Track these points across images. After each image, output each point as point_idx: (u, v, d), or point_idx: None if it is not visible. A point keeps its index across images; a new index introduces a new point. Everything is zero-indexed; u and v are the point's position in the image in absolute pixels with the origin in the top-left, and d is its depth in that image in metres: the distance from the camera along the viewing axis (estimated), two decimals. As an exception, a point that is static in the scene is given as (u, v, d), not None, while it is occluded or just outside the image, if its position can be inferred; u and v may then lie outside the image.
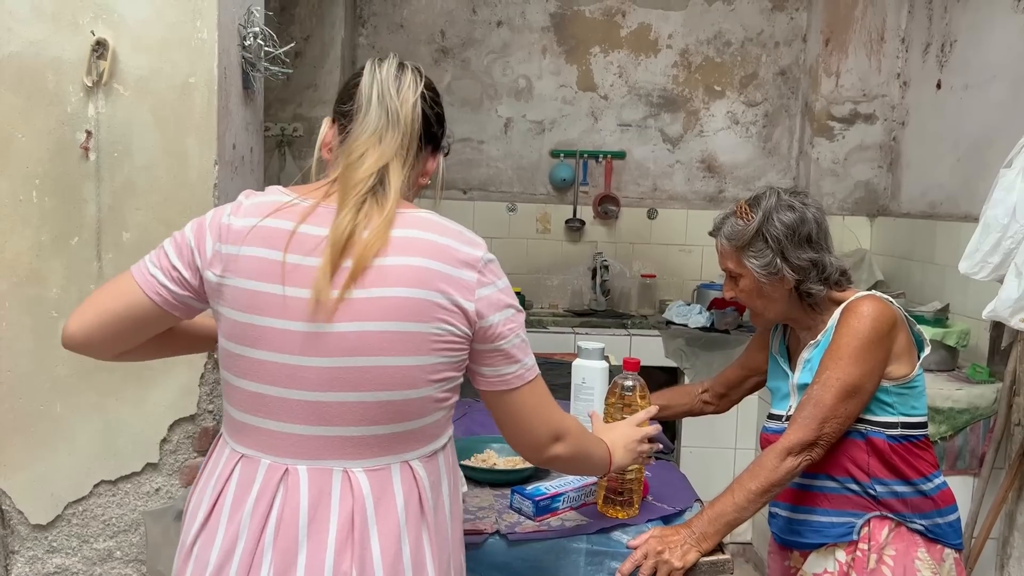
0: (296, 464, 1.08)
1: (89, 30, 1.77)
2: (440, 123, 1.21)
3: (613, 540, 1.56)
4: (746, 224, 1.55)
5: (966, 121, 3.28)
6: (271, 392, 1.08)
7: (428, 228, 1.09)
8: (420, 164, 1.18)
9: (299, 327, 1.05)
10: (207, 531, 1.10)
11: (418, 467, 1.12)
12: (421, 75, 1.16)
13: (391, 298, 1.04)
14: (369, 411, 1.07)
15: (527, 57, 4.07)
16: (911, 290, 3.48)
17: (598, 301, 4.04)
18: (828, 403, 1.48)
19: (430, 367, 1.07)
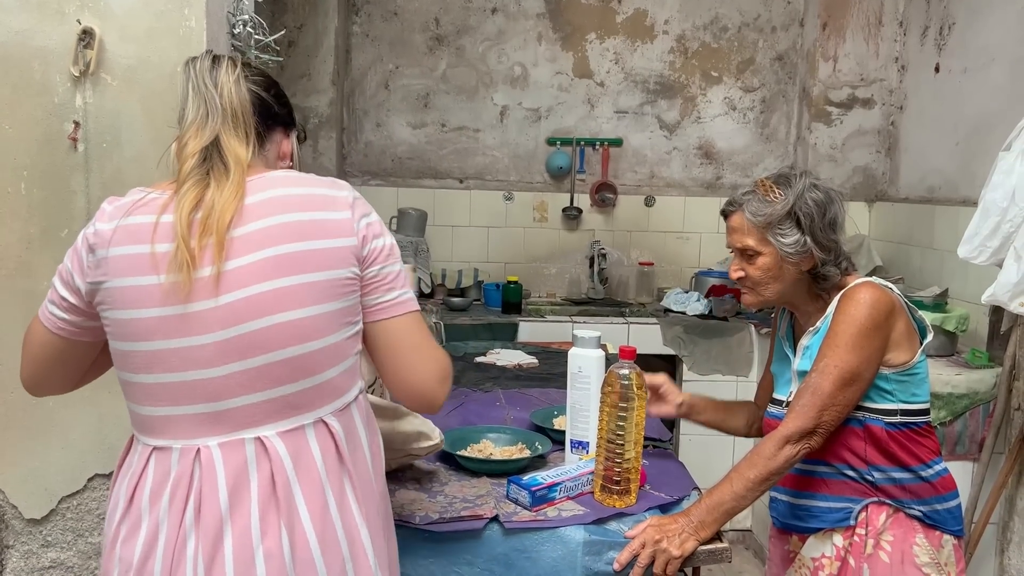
0: (207, 441, 1.08)
1: (75, 19, 1.75)
2: (282, 104, 1.25)
3: (611, 530, 1.55)
4: (773, 202, 1.54)
5: (965, 105, 3.25)
6: (169, 379, 1.08)
7: (286, 184, 1.12)
8: (272, 145, 1.24)
9: (183, 310, 1.06)
10: (127, 528, 1.10)
11: (332, 421, 1.13)
12: (236, 64, 1.18)
13: (272, 257, 1.06)
14: (274, 372, 1.08)
15: (522, 44, 4.04)
16: (910, 275, 3.47)
17: (596, 289, 4.03)
18: (826, 391, 1.47)
19: (331, 313, 1.10)
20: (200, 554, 1.05)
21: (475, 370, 2.65)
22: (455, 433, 1.89)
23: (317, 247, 1.08)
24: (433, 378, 1.20)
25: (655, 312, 3.79)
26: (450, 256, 4.07)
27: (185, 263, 1.05)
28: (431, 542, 1.50)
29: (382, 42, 3.98)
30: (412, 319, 1.18)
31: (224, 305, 1.06)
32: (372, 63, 4.00)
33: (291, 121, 1.29)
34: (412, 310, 1.18)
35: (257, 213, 1.08)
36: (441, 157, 4.08)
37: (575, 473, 1.65)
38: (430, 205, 3.97)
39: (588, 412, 1.77)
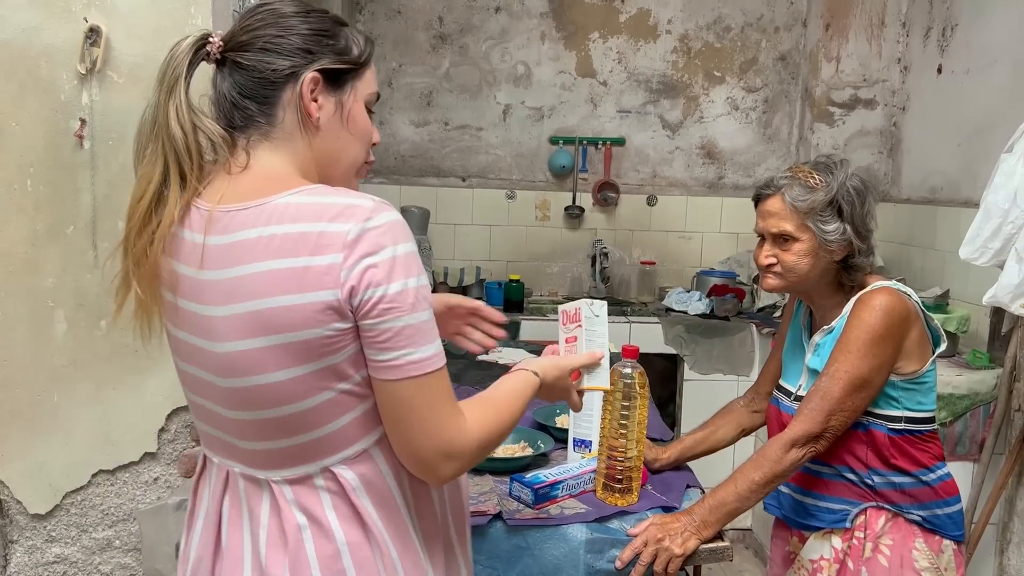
0: (233, 467, 1.06)
1: (82, 17, 1.76)
2: (282, 53, 1.00)
3: (613, 528, 1.56)
4: (815, 188, 1.52)
5: (967, 106, 3.26)
6: (194, 399, 1.07)
7: (284, 216, 0.94)
8: (288, 112, 1.02)
9: (183, 337, 1.03)
10: (194, 514, 1.13)
11: (343, 471, 1.01)
12: (192, 46, 1.01)
13: (246, 314, 0.94)
14: (265, 428, 0.99)
15: (526, 43, 4.04)
16: (911, 276, 3.47)
17: (597, 288, 4.03)
18: (836, 396, 1.47)
19: (318, 373, 0.96)
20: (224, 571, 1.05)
21: (477, 369, 2.66)
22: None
23: (291, 303, 0.92)
24: (435, 454, 1.00)
25: (657, 311, 3.79)
26: (452, 254, 4.08)
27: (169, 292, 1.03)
28: (434, 539, 1.51)
29: (385, 40, 3.98)
30: (413, 386, 0.96)
31: (218, 353, 0.98)
32: (375, 61, 3.97)
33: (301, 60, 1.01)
34: (412, 375, 0.96)
35: (252, 253, 0.94)
36: (444, 155, 4.09)
37: (577, 471, 1.66)
38: (433, 203, 3.98)
39: (591, 411, 1.78)
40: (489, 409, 1.08)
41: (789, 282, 1.59)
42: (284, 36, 1.01)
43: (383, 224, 0.93)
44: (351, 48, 1.07)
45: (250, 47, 1.00)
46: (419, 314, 0.95)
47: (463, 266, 4.04)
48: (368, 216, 0.93)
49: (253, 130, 1.02)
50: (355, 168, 1.10)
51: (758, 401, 1.87)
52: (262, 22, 1.01)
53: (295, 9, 1.03)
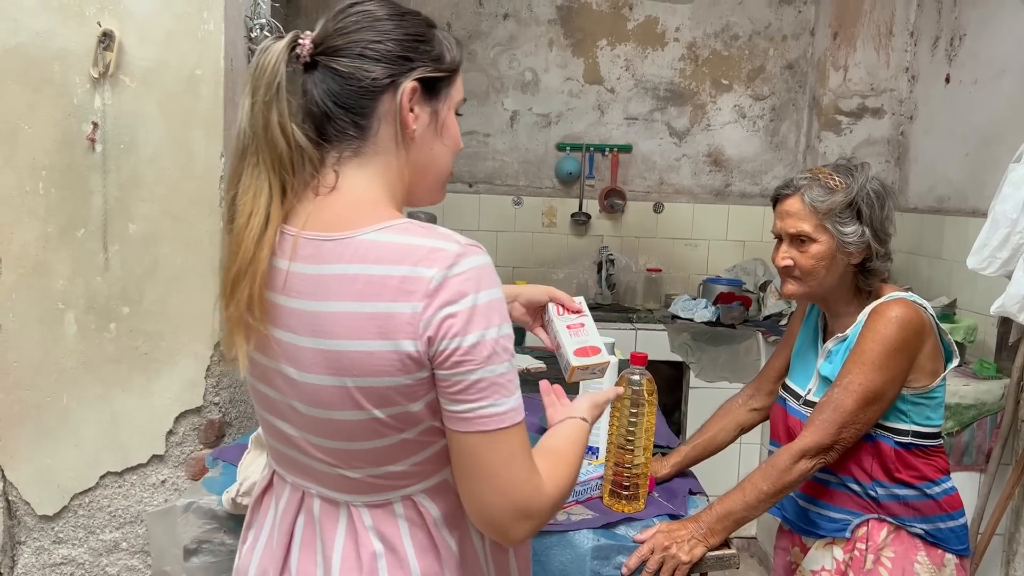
0: (310, 489, 1.03)
1: (96, 21, 1.77)
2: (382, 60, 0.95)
3: (619, 535, 1.56)
4: (835, 189, 1.52)
5: (975, 115, 3.26)
6: (268, 418, 1.05)
7: (368, 256, 0.91)
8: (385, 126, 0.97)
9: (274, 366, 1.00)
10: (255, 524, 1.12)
11: (423, 500, 1.00)
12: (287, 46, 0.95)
13: (329, 352, 0.92)
14: (347, 458, 0.97)
15: (533, 50, 4.06)
16: (918, 285, 3.47)
17: (603, 295, 4.03)
18: (849, 408, 1.46)
19: (390, 419, 0.93)
20: None
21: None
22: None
23: (369, 349, 0.90)
24: (509, 514, 0.94)
25: (662, 318, 3.79)
26: (459, 260, 4.08)
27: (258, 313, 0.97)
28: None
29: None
30: (484, 440, 0.91)
31: (300, 382, 0.95)
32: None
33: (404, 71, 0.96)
34: (482, 429, 0.91)
35: (337, 291, 0.91)
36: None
37: (584, 478, 1.65)
38: (439, 208, 3.98)
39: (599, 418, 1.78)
40: (560, 463, 1.02)
41: (809, 287, 1.57)
42: (382, 42, 0.95)
43: (467, 270, 0.89)
44: (445, 54, 1.01)
45: (346, 52, 0.94)
46: (495, 367, 0.90)
47: (469, 272, 4.04)
48: (452, 262, 0.89)
49: (345, 145, 0.97)
50: (444, 179, 1.06)
51: (759, 398, 1.85)
52: (357, 25, 0.95)
53: (389, 11, 0.97)
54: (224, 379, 1.92)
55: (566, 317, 1.42)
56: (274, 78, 0.92)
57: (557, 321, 1.41)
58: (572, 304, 1.43)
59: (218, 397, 1.91)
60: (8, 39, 1.77)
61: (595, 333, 1.42)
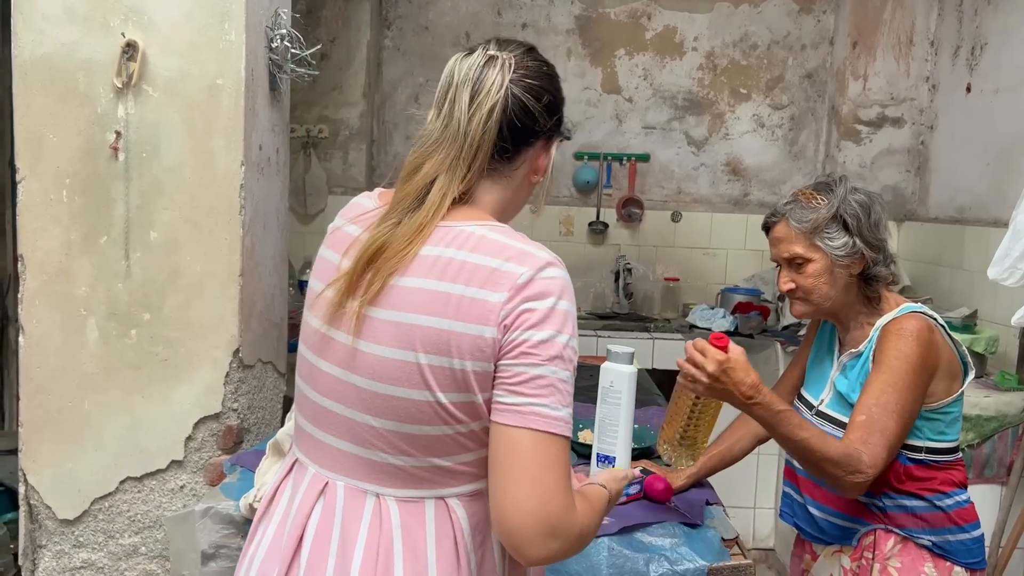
0: (336, 479, 1.04)
1: (119, 32, 1.80)
2: (551, 113, 1.06)
3: (636, 541, 1.55)
4: (817, 207, 1.54)
5: (996, 125, 3.23)
6: (323, 403, 1.05)
7: (469, 245, 0.97)
8: (526, 163, 1.07)
9: (342, 338, 1.01)
10: (266, 519, 1.12)
11: (456, 506, 1.02)
12: (511, 69, 1.02)
13: (404, 324, 0.96)
14: (395, 440, 0.99)
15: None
16: (939, 296, 3.44)
17: (621, 304, 4.03)
18: (894, 431, 1.42)
19: (448, 405, 0.96)
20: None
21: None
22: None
23: (451, 329, 0.94)
24: (538, 524, 0.92)
25: (680, 328, 3.78)
26: (476, 268, 4.09)
27: (343, 286, 1.00)
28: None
29: (413, 56, 4.03)
30: (532, 439, 0.92)
31: (362, 352, 0.99)
32: (403, 76, 4.04)
33: (556, 128, 1.10)
34: (533, 427, 0.93)
35: (421, 269, 0.97)
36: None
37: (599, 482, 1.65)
38: (457, 217, 4.00)
39: (617, 427, 1.77)
40: (587, 507, 1.02)
41: (815, 305, 1.59)
42: (556, 101, 1.08)
43: (555, 277, 0.96)
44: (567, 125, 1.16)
45: (534, 93, 1.04)
46: (558, 370, 0.94)
47: (487, 280, 4.05)
48: (543, 267, 0.96)
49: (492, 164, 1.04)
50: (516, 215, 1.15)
51: None
52: (548, 76, 1.08)
53: (557, 75, 1.12)
54: (243, 385, 1.93)
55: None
56: (500, 88, 1.01)
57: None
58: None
59: (236, 403, 1.93)
60: (34, 49, 1.80)
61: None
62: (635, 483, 1.70)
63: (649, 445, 2.00)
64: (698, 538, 1.59)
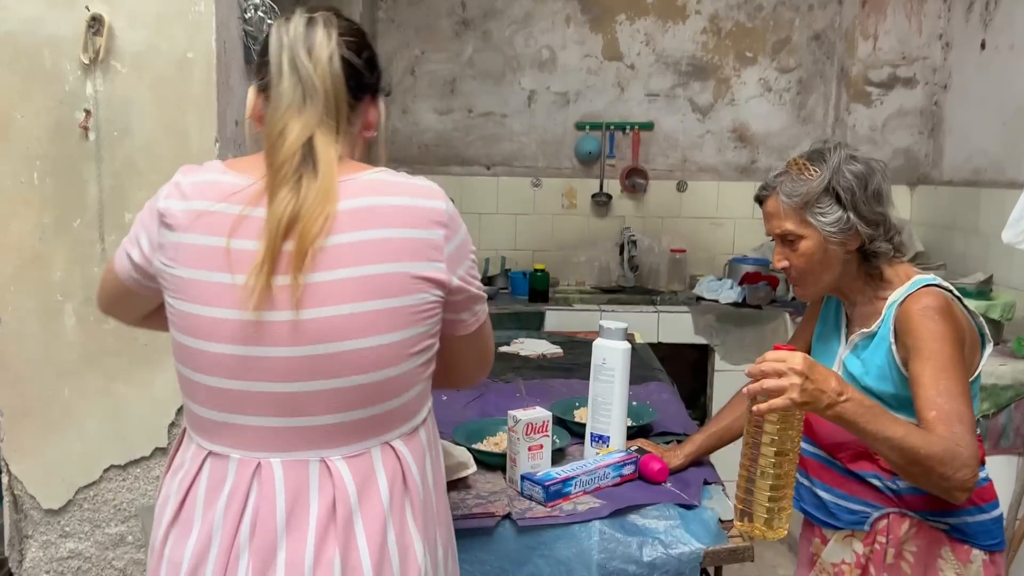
0: (269, 457, 1.03)
1: (84, 6, 1.72)
2: (372, 68, 1.11)
3: (628, 523, 1.50)
4: (809, 180, 1.43)
5: (1012, 82, 3.11)
6: (233, 386, 1.02)
7: (382, 191, 1.04)
8: (359, 118, 1.11)
9: (258, 317, 0.99)
10: (178, 530, 1.06)
11: (400, 446, 1.08)
12: (334, 25, 1.06)
13: (357, 278, 1.00)
14: (345, 397, 1.02)
15: (550, 27, 3.96)
16: (953, 261, 3.34)
17: (626, 277, 3.95)
18: (968, 413, 1.31)
19: (410, 340, 1.04)
20: (251, 572, 1.00)
21: (498, 360, 2.55)
22: (471, 426, 1.85)
23: (403, 270, 1.02)
24: (484, 373, 1.28)
25: (687, 300, 3.70)
26: (477, 244, 3.94)
27: (268, 269, 0.98)
28: (441, 538, 1.46)
29: (408, 27, 3.93)
30: (485, 327, 1.18)
31: (303, 321, 0.99)
32: (398, 49, 3.95)
33: (379, 84, 1.15)
34: (486, 318, 1.18)
35: (348, 224, 1.00)
36: (468, 143, 4.03)
37: (592, 467, 1.60)
38: (457, 192, 3.92)
39: (611, 405, 1.72)
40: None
41: (811, 286, 1.50)
42: (374, 55, 1.14)
43: (454, 209, 1.09)
44: None
45: (356, 50, 1.08)
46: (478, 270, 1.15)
47: (488, 256, 3.99)
48: (445, 199, 1.08)
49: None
50: None
51: None
52: (362, 32, 1.12)
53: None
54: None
55: (529, 439, 1.59)
56: (330, 39, 1.05)
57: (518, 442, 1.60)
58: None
59: (220, 388, 1.87)
60: (-2, 26, 1.74)
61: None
62: (629, 463, 1.65)
63: (647, 423, 1.94)
64: (694, 519, 1.53)
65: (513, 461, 1.61)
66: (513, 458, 1.61)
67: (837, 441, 1.50)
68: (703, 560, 1.46)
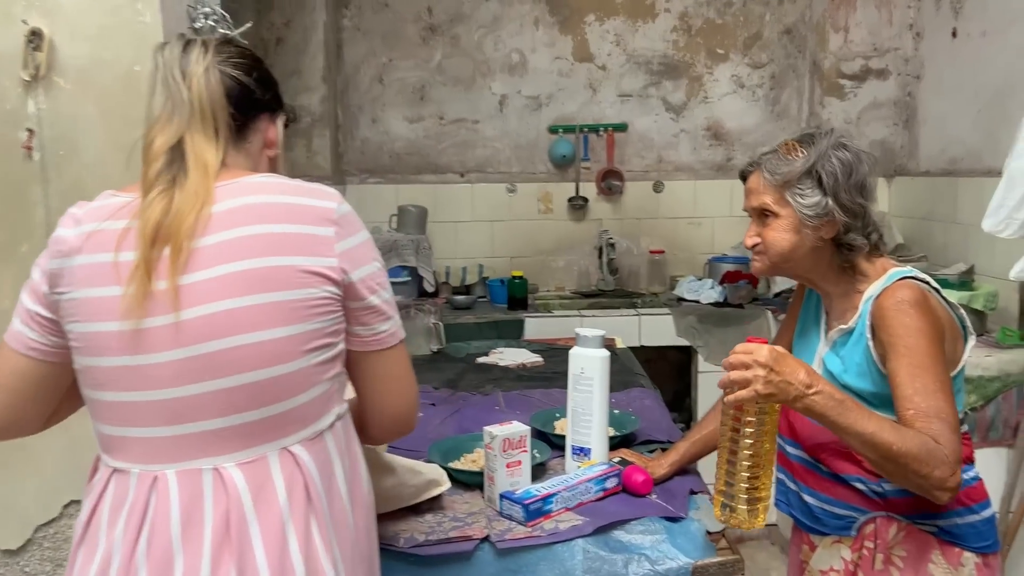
0: (165, 469, 1.01)
1: (21, 19, 1.65)
2: (266, 87, 1.14)
3: (612, 541, 1.43)
4: (794, 160, 1.41)
5: (985, 70, 3.08)
6: (126, 398, 1.01)
7: (264, 191, 1.03)
8: (255, 135, 1.13)
9: (137, 325, 0.99)
10: (85, 550, 1.04)
11: (300, 452, 1.04)
12: (211, 46, 1.09)
13: (237, 273, 0.98)
14: (233, 398, 1.00)
15: (519, 30, 3.90)
16: (933, 252, 3.31)
17: (606, 281, 3.89)
18: (949, 410, 1.27)
19: (300, 337, 1.01)
20: None
21: (475, 372, 2.53)
22: (448, 443, 1.77)
23: (287, 263, 1.00)
24: (413, 407, 1.18)
25: (668, 301, 3.65)
26: (453, 253, 3.95)
27: (143, 275, 0.98)
28: (417, 566, 1.39)
29: (374, 35, 3.86)
30: (400, 350, 1.14)
31: (183, 322, 0.98)
32: (365, 57, 3.88)
33: (277, 104, 1.18)
34: (401, 340, 1.14)
35: (225, 222, 1.00)
36: (440, 151, 3.96)
37: (573, 481, 1.53)
38: (431, 201, 3.85)
39: (591, 416, 1.66)
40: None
41: (772, 262, 1.46)
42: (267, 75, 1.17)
43: (349, 210, 1.07)
44: None
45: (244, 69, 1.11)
46: (389, 289, 1.11)
47: (465, 264, 3.92)
48: (338, 200, 1.06)
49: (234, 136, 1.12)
50: None
51: None
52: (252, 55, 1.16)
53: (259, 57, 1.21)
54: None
55: (506, 455, 1.53)
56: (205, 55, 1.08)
57: (495, 459, 1.52)
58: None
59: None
60: (-67, 45, 1.65)
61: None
62: (612, 476, 1.58)
63: (630, 431, 1.87)
64: (681, 533, 1.47)
65: (491, 479, 1.54)
66: (491, 476, 1.54)
67: (818, 442, 1.45)
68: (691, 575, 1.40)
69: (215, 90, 1.05)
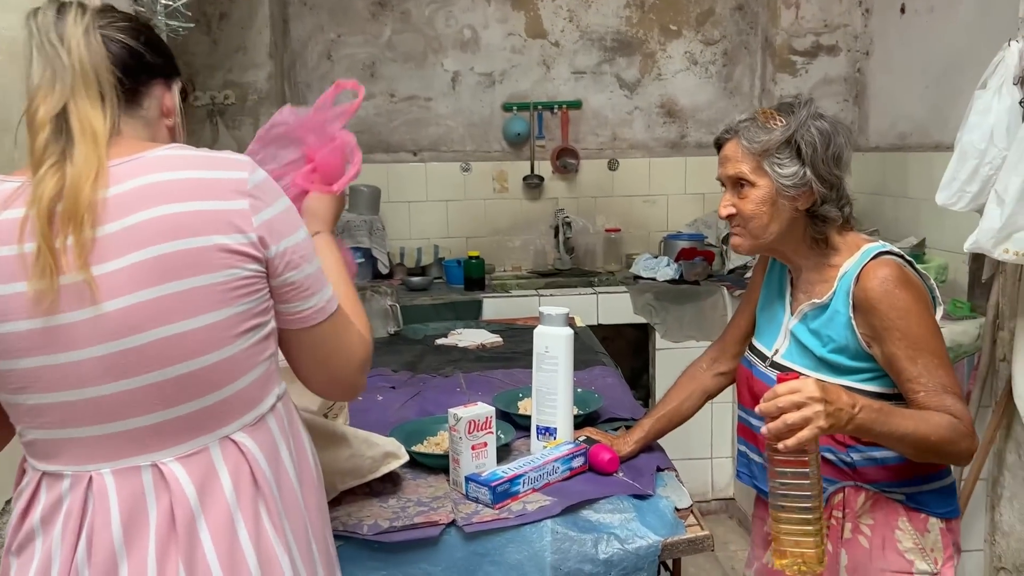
0: (99, 469, 0.96)
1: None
2: (158, 52, 1.07)
3: (581, 519, 1.42)
4: (772, 129, 1.39)
5: (933, 45, 3.12)
6: (50, 399, 0.95)
7: (167, 167, 0.96)
8: (150, 101, 1.06)
9: (50, 322, 0.93)
10: (20, 559, 0.99)
11: (243, 439, 1.01)
12: (86, 10, 0.99)
13: (151, 259, 0.91)
14: (166, 391, 0.95)
15: (471, 5, 3.83)
16: (884, 226, 3.35)
17: (562, 260, 3.87)
18: (950, 382, 1.32)
19: (228, 321, 0.96)
20: None
21: (434, 354, 2.49)
22: (410, 426, 1.74)
23: (203, 244, 0.93)
24: (355, 373, 1.12)
25: (624, 280, 3.64)
26: (408, 233, 3.88)
27: (48, 267, 0.90)
28: (382, 552, 1.36)
29: (321, 10, 3.75)
30: (334, 320, 1.07)
31: (104, 315, 0.92)
32: (312, 33, 3.77)
33: (172, 71, 1.12)
34: (334, 311, 1.07)
35: (130, 205, 0.92)
36: (392, 129, 3.88)
37: (540, 462, 1.51)
38: (383, 181, 3.78)
39: (556, 395, 1.63)
40: (350, 293, 1.17)
41: (755, 239, 1.45)
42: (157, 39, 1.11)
43: (265, 177, 1.00)
44: None
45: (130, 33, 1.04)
46: (314, 260, 1.04)
47: (420, 245, 3.86)
48: (251, 168, 0.99)
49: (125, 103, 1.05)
50: None
51: (724, 362, 1.71)
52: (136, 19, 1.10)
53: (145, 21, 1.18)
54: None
55: (472, 437, 1.49)
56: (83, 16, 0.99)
57: (459, 441, 1.49)
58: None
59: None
60: None
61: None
62: (579, 455, 1.56)
63: (594, 410, 1.86)
64: (650, 510, 1.46)
65: (456, 462, 1.50)
66: (456, 459, 1.50)
67: None
68: (661, 553, 1.38)
69: (97, 52, 0.98)
